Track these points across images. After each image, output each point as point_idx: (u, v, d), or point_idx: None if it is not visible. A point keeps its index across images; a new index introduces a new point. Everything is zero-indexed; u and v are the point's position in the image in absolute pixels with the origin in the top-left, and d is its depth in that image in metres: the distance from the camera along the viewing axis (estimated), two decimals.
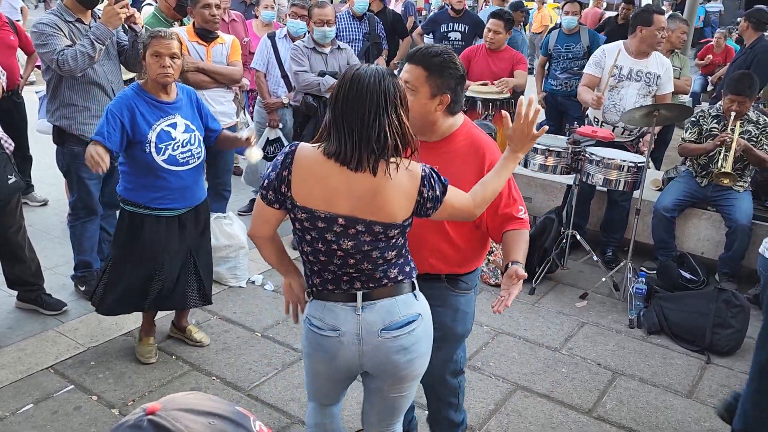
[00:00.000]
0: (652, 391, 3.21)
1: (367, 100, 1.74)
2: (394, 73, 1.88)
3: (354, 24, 5.75)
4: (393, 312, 1.90)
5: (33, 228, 4.74)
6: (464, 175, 2.11)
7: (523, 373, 3.30)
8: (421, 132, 2.12)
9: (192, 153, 2.98)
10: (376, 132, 1.74)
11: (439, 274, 2.27)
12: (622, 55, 4.34)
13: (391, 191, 1.79)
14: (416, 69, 2.05)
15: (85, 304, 3.74)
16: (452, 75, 2.06)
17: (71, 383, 3.03)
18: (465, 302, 2.35)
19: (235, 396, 3.01)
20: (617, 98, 4.33)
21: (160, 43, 2.85)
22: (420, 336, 1.95)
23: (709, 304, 3.66)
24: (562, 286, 4.30)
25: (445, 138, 2.17)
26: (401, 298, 1.92)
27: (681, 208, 4.36)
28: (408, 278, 1.94)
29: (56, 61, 3.29)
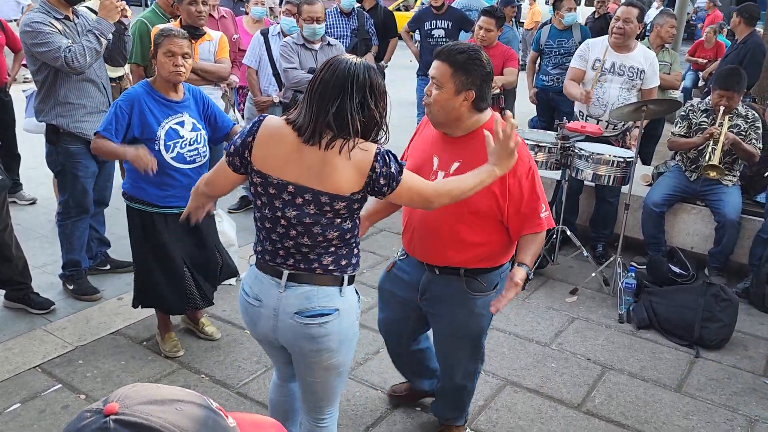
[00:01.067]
0: (641, 386, 3.22)
1: (332, 83, 1.82)
2: (373, 67, 1.91)
3: (342, 20, 5.74)
4: (311, 300, 1.94)
5: (21, 227, 4.71)
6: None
7: (513, 369, 3.30)
8: (446, 125, 2.22)
9: (198, 151, 2.99)
10: (334, 110, 1.81)
11: (458, 268, 2.29)
12: (605, 48, 4.35)
13: (340, 163, 1.84)
14: (442, 65, 2.11)
15: (74, 302, 3.73)
16: (478, 72, 2.11)
17: (59, 382, 3.02)
18: (482, 304, 2.34)
19: (224, 394, 3.00)
20: (600, 92, 4.34)
21: (173, 42, 2.86)
22: (331, 331, 1.95)
23: (697, 299, 3.67)
24: (552, 281, 4.30)
25: (469, 133, 2.21)
26: (324, 289, 1.95)
27: (670, 203, 4.37)
28: (340, 272, 1.97)
29: (63, 59, 3.26)
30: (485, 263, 2.30)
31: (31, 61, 3.43)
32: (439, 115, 2.17)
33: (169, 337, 3.30)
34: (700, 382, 3.27)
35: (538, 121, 6.62)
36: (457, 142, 2.22)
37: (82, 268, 3.80)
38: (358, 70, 1.84)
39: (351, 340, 2.04)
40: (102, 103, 3.65)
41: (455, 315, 2.38)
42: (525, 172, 2.17)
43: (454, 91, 2.11)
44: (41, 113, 3.52)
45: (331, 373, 2.06)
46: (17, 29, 5.23)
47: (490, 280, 2.34)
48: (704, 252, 4.40)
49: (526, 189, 2.17)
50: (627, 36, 4.26)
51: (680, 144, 4.31)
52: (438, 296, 2.39)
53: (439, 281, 2.35)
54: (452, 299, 2.35)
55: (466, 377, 2.58)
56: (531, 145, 4.07)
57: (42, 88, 3.47)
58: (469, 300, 2.33)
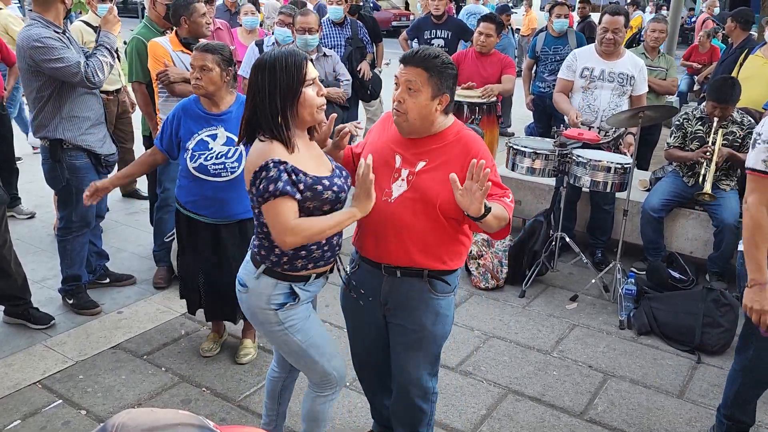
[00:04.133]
0: (644, 392, 3.21)
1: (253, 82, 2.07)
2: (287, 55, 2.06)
3: (335, 30, 5.75)
4: (242, 269, 2.27)
5: (20, 241, 4.70)
6: (454, 169, 2.11)
7: (515, 377, 3.30)
8: (416, 132, 2.17)
9: (225, 166, 2.96)
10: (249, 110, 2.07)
11: (422, 269, 2.24)
12: (593, 56, 4.38)
13: (248, 161, 2.07)
14: (416, 70, 2.08)
15: (74, 317, 3.72)
16: (450, 75, 2.13)
17: (59, 398, 3.00)
18: (446, 305, 2.33)
19: (225, 407, 2.99)
20: (591, 99, 4.36)
21: (193, 56, 2.95)
22: (242, 300, 2.25)
23: (698, 304, 3.67)
24: (552, 288, 4.30)
25: (433, 135, 2.19)
26: (249, 265, 2.23)
27: (668, 207, 4.37)
28: (260, 257, 2.18)
29: (84, 74, 3.27)
30: (447, 264, 2.26)
31: (34, 77, 3.35)
32: (415, 122, 2.12)
33: (210, 336, 3.47)
34: (702, 388, 3.26)
35: (534, 127, 6.64)
36: (421, 142, 2.19)
37: (82, 283, 3.79)
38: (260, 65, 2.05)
39: (263, 324, 2.22)
40: (101, 114, 3.65)
41: (419, 319, 2.29)
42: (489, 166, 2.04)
43: (431, 95, 2.09)
44: (43, 129, 3.44)
45: (272, 341, 2.32)
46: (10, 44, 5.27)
47: (451, 281, 2.31)
48: (703, 257, 4.40)
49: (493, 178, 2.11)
50: (617, 44, 4.33)
51: (676, 157, 4.34)
52: (401, 302, 2.30)
53: (401, 285, 2.27)
54: (416, 303, 2.28)
55: (423, 397, 2.44)
56: (528, 152, 4.09)
57: (46, 103, 3.40)
58: (433, 301, 2.28)
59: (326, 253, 2.19)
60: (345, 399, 3.07)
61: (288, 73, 2.02)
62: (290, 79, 2.02)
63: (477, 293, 4.18)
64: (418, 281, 2.25)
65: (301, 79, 2.05)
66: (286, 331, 2.20)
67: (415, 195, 2.15)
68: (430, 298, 2.28)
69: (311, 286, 2.23)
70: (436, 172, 2.15)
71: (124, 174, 3.19)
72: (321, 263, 2.19)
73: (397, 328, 2.36)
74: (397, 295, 2.30)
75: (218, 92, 2.97)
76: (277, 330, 2.21)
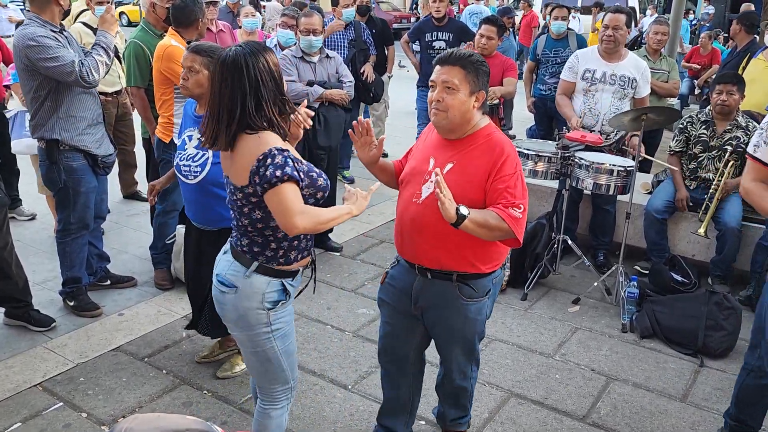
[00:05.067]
0: (646, 396, 3.20)
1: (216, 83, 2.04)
2: (260, 49, 2.05)
3: (338, 32, 5.75)
4: (225, 268, 2.19)
5: (21, 242, 4.69)
6: (477, 171, 2.20)
7: (517, 380, 3.28)
8: (457, 130, 2.25)
9: (190, 169, 2.87)
10: (218, 110, 2.03)
11: (451, 272, 2.29)
12: (595, 58, 4.37)
13: (238, 155, 2.04)
14: (454, 69, 2.18)
15: (74, 319, 3.71)
16: (484, 72, 2.23)
17: (60, 400, 2.99)
18: (475, 310, 2.36)
19: (226, 410, 2.98)
20: (593, 102, 4.35)
21: (184, 56, 2.86)
22: (227, 303, 2.17)
23: (700, 307, 3.66)
24: (554, 291, 4.29)
25: (466, 136, 2.26)
26: (236, 264, 2.16)
27: (671, 210, 4.37)
28: (251, 255, 2.14)
29: (78, 73, 3.25)
30: (476, 268, 2.30)
31: (30, 77, 3.34)
32: (455, 119, 2.20)
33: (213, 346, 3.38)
34: (705, 392, 3.25)
35: (536, 130, 6.64)
36: (453, 144, 2.27)
37: (82, 285, 3.77)
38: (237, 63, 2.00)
39: (253, 326, 2.15)
40: (99, 114, 3.63)
41: (449, 321, 2.38)
42: (510, 174, 2.19)
43: (469, 92, 2.19)
44: (40, 128, 3.43)
45: (246, 352, 2.25)
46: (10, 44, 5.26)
47: (482, 286, 2.34)
48: (706, 260, 4.39)
49: (508, 185, 2.18)
50: (617, 43, 4.29)
51: (673, 175, 4.35)
52: (431, 303, 2.38)
53: (431, 287, 2.34)
54: (445, 305, 2.35)
55: (464, 378, 2.59)
56: (531, 155, 4.08)
57: (42, 103, 3.39)
58: (463, 306, 2.33)
59: (309, 242, 2.25)
60: (347, 403, 3.06)
61: (272, 65, 2.07)
62: (273, 71, 2.06)
63: None
64: (448, 284, 2.31)
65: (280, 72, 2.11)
66: (271, 335, 2.19)
67: None
68: (459, 303, 2.32)
69: (296, 281, 2.25)
70: (460, 174, 2.21)
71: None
72: (305, 253, 2.24)
73: (430, 325, 2.46)
74: (427, 295, 2.37)
75: (206, 95, 2.80)
76: (263, 333, 2.17)
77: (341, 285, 4.26)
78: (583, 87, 4.37)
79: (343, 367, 3.32)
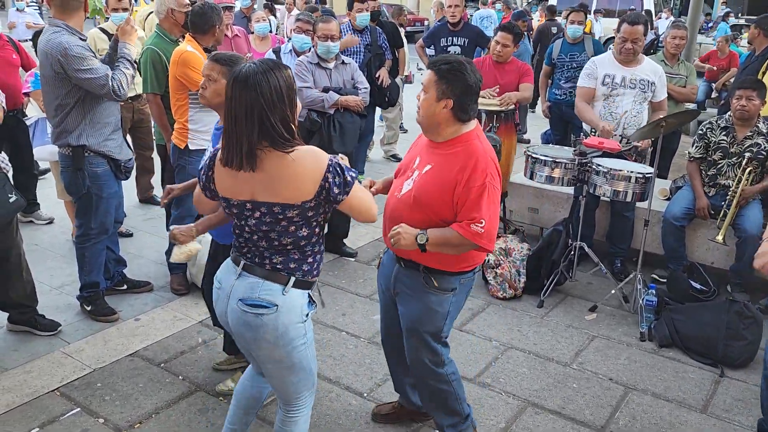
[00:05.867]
0: (666, 407, 3.16)
1: (242, 102, 1.96)
2: (276, 65, 2.02)
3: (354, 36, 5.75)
4: (254, 290, 2.11)
5: (39, 247, 4.74)
6: (448, 175, 2.32)
7: (534, 389, 3.26)
8: (428, 130, 2.43)
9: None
10: (248, 131, 1.96)
11: (419, 263, 2.46)
12: (613, 63, 4.35)
13: (288, 173, 1.99)
14: (429, 73, 2.35)
15: (91, 323, 3.73)
16: (459, 83, 2.30)
17: (77, 406, 3.01)
18: (436, 301, 2.50)
19: None
20: (614, 107, 4.32)
21: (205, 64, 2.77)
22: (267, 323, 2.10)
23: (720, 316, 3.61)
24: (570, 298, 4.25)
25: (446, 141, 2.39)
26: (268, 284, 2.11)
27: (690, 216, 4.31)
28: (287, 272, 2.12)
29: (111, 87, 3.30)
30: (442, 265, 2.44)
31: (60, 84, 3.34)
32: (423, 118, 2.39)
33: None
34: (726, 403, 3.20)
35: (551, 134, 6.60)
36: (436, 147, 2.42)
37: (100, 290, 3.80)
38: (258, 82, 1.95)
39: (293, 339, 2.14)
40: (119, 120, 3.68)
41: (413, 308, 2.54)
42: (477, 185, 2.28)
43: (435, 97, 2.31)
44: (66, 135, 3.43)
45: (279, 367, 2.21)
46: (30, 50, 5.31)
47: (447, 282, 2.48)
48: (725, 267, 4.33)
49: (470, 200, 2.28)
50: (636, 53, 4.32)
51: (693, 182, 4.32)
52: (402, 289, 2.57)
53: (404, 274, 2.53)
54: (412, 292, 2.52)
55: (436, 378, 2.63)
56: (548, 161, 4.05)
57: (70, 111, 3.40)
58: (425, 294, 2.49)
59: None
60: (363, 410, 3.05)
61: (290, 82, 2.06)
62: (291, 88, 2.06)
63: (494, 303, 4.14)
64: (416, 273, 2.49)
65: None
66: (306, 345, 2.21)
67: (413, 194, 2.39)
68: (423, 291, 2.49)
69: (314, 288, 2.28)
70: (434, 176, 2.37)
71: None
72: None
73: (400, 312, 2.63)
74: (400, 282, 2.57)
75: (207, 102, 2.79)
76: (300, 345, 2.18)
77: (356, 291, 4.25)
78: (604, 92, 4.34)
79: (359, 375, 3.31)
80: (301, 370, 2.24)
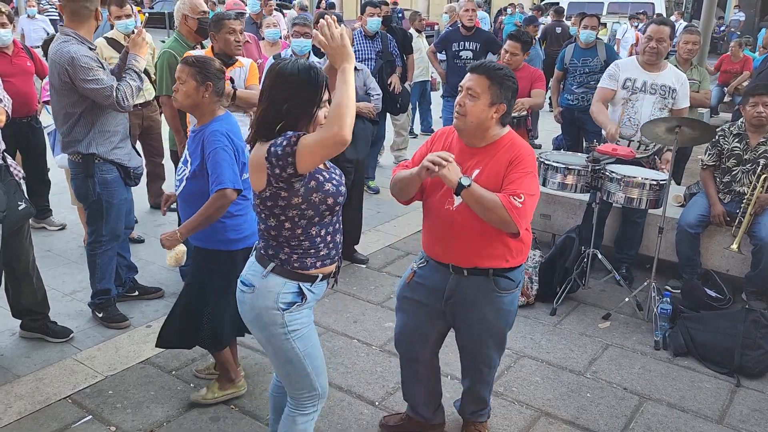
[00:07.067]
0: (681, 417, 3.12)
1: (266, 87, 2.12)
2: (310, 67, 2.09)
3: (366, 43, 5.75)
4: (248, 268, 2.28)
5: (51, 253, 4.75)
6: (500, 169, 2.34)
7: (547, 399, 3.22)
8: (473, 136, 2.41)
9: (178, 184, 2.88)
10: (261, 115, 2.10)
11: (487, 269, 2.44)
12: (635, 67, 4.31)
13: (254, 163, 2.12)
14: (479, 78, 2.33)
15: (103, 330, 3.74)
16: (510, 87, 2.35)
17: (89, 413, 3.01)
18: (508, 301, 2.53)
19: (254, 426, 2.96)
20: (632, 112, 4.28)
21: (177, 68, 2.82)
22: (245, 301, 2.24)
23: (736, 325, 3.56)
24: (583, 306, 4.21)
25: (488, 144, 2.41)
26: (255, 264, 2.25)
27: (705, 224, 4.27)
28: (268, 257, 2.21)
29: (115, 98, 3.31)
30: (509, 262, 2.46)
31: (67, 93, 3.36)
32: (471, 125, 2.35)
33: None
34: (743, 413, 3.15)
35: (563, 139, 6.56)
36: (478, 151, 2.41)
37: (111, 296, 3.80)
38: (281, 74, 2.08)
39: (268, 325, 2.19)
40: (128, 128, 3.70)
41: (484, 314, 2.52)
42: (525, 168, 2.34)
43: (489, 102, 2.32)
44: (76, 144, 3.46)
45: (267, 350, 2.29)
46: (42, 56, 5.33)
47: (514, 278, 2.51)
48: (740, 275, 4.28)
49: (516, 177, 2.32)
50: (660, 55, 4.24)
51: (706, 189, 4.29)
52: (466, 298, 2.51)
53: (467, 283, 2.48)
54: (481, 299, 2.49)
55: (489, 371, 2.73)
56: (560, 168, 4.02)
57: (78, 120, 3.42)
58: (497, 298, 2.49)
59: (331, 251, 2.26)
60: (374, 419, 3.03)
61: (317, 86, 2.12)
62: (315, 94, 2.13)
63: None
64: (484, 279, 2.46)
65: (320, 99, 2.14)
66: (288, 336, 2.22)
67: None
68: (495, 296, 2.48)
69: (316, 287, 2.26)
70: (487, 178, 2.36)
71: None
72: (327, 261, 2.26)
73: (462, 321, 2.58)
74: (463, 291, 2.50)
75: (198, 108, 2.78)
76: (279, 333, 2.20)
77: (367, 298, 4.23)
78: (624, 96, 4.30)
79: (370, 383, 3.29)
80: (288, 363, 2.25)
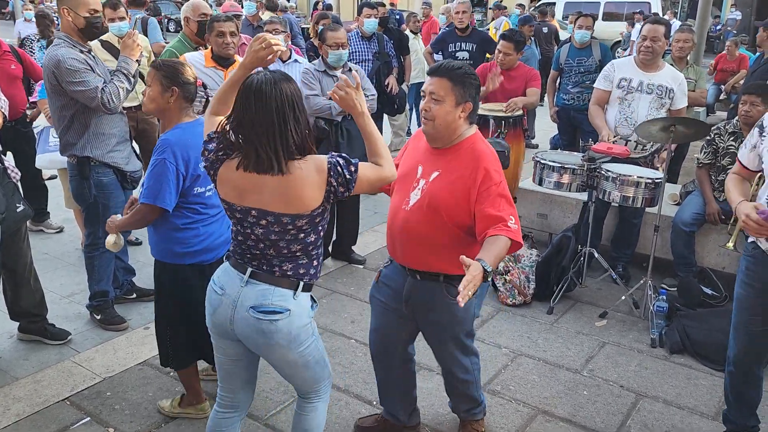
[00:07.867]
0: (678, 414, 3.13)
1: (271, 109, 1.96)
2: (288, 77, 2.05)
3: (363, 44, 5.77)
4: (266, 297, 2.11)
5: (49, 255, 4.76)
6: (459, 179, 2.32)
7: (544, 397, 3.23)
8: (443, 139, 2.38)
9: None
10: (284, 136, 1.98)
11: (438, 274, 2.42)
12: (632, 67, 4.32)
13: (299, 183, 2.01)
14: (441, 81, 2.30)
15: (101, 332, 3.75)
16: (472, 84, 2.33)
17: (87, 415, 3.01)
18: (463, 309, 2.37)
19: (252, 426, 2.97)
20: (629, 111, 4.28)
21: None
22: (281, 328, 2.12)
23: None
24: (580, 304, 4.23)
25: (452, 146, 2.39)
26: (280, 290, 2.12)
27: (700, 222, 4.28)
28: (297, 277, 2.14)
29: (100, 99, 3.31)
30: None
31: (57, 97, 3.39)
32: (441, 128, 2.33)
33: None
34: None
35: (559, 139, 6.58)
36: (440, 153, 2.40)
37: (109, 298, 3.81)
38: (285, 90, 1.98)
39: (304, 340, 2.19)
40: (126, 132, 3.69)
41: (438, 319, 2.51)
42: (494, 185, 2.28)
43: (455, 103, 2.30)
44: (70, 147, 3.48)
45: (295, 367, 2.25)
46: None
47: None
48: (736, 272, 4.28)
49: (494, 200, 2.26)
50: (655, 54, 4.22)
51: (702, 188, 4.30)
52: (420, 302, 2.51)
53: (421, 287, 2.48)
54: (434, 304, 2.48)
55: (466, 372, 2.70)
56: (556, 167, 4.03)
57: (72, 121, 3.43)
58: (449, 305, 2.42)
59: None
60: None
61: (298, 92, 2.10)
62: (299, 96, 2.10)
63: (504, 309, 4.13)
64: (435, 284, 2.44)
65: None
66: (316, 341, 2.27)
67: (425, 203, 2.36)
68: (446, 301, 2.43)
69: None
70: (444, 181, 2.35)
71: None
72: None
73: (422, 323, 2.60)
74: (417, 295, 2.51)
75: (163, 113, 2.70)
76: (311, 343, 2.23)
77: (365, 298, 4.22)
78: (619, 95, 4.30)
79: (368, 383, 3.30)
80: (316, 364, 2.29)
